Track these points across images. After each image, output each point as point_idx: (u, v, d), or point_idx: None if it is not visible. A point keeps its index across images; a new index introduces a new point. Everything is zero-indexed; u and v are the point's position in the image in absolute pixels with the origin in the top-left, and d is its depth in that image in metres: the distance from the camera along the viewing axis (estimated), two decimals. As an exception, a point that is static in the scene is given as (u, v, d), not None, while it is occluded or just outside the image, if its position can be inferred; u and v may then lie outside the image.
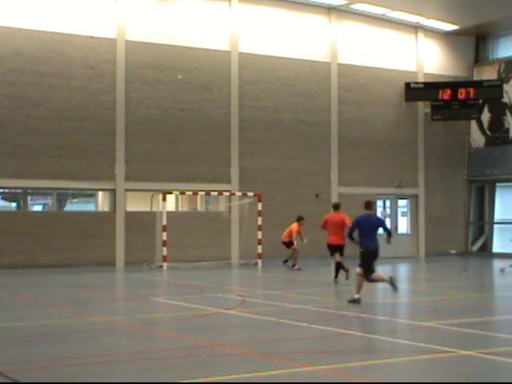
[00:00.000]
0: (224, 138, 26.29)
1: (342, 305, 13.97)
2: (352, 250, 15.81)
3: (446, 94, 29.54)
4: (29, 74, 23.51)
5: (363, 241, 14.15)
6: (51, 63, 23.81)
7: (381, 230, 14.33)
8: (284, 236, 23.00)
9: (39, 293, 16.46)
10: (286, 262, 22.89)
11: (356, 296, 13.51)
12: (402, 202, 31.00)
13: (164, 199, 23.64)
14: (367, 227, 14.15)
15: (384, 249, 31.20)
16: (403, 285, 19.53)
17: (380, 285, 19.14)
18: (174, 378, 7.54)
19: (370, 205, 14.50)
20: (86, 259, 23.85)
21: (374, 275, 14.01)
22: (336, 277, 17.80)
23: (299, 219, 22.87)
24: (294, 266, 22.39)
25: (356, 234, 14.18)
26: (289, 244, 22.81)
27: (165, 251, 23.04)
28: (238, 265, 24.68)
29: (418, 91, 29.75)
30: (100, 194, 25.72)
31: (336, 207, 18.65)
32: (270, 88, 27.19)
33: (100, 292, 16.96)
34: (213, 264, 23.89)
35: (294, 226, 22.82)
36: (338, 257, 17.95)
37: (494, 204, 31.31)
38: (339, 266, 17.91)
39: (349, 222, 17.26)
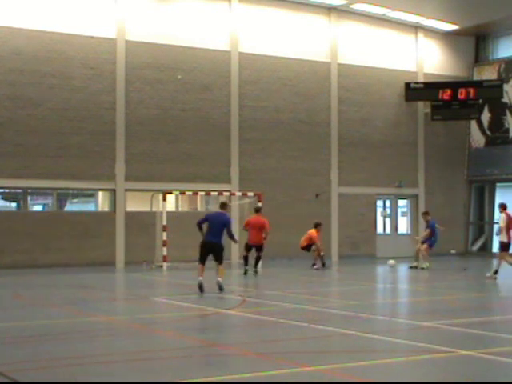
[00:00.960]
0: (224, 138, 26.30)
1: (342, 305, 13.97)
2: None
3: (445, 94, 29.54)
4: (29, 73, 23.51)
5: (206, 233, 15.89)
6: (51, 63, 23.81)
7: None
8: (302, 241, 23.16)
9: (39, 293, 16.46)
10: (313, 265, 22.93)
11: (200, 278, 15.56)
12: (402, 202, 31.00)
13: (164, 199, 23.64)
14: (214, 223, 15.86)
15: (384, 249, 31.25)
16: (403, 285, 19.54)
17: (380, 285, 19.14)
18: (174, 378, 7.54)
19: (223, 205, 16.55)
20: (86, 259, 23.85)
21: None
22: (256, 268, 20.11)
23: (317, 225, 23.07)
24: (313, 265, 22.61)
25: (205, 226, 15.96)
26: (308, 248, 22.96)
27: (165, 251, 23.04)
28: (237, 265, 24.66)
29: (417, 91, 29.76)
30: (100, 193, 25.72)
31: (257, 210, 20.43)
32: (270, 88, 27.19)
33: (100, 292, 16.95)
34: (213, 264, 23.85)
35: (313, 233, 22.96)
36: (255, 252, 20.41)
37: (494, 204, 31.26)
38: (258, 260, 20.33)
39: (267, 224, 19.43)
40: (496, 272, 18.77)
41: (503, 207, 19.65)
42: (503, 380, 7.62)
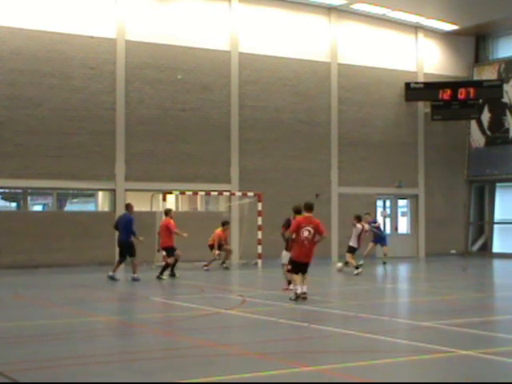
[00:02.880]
0: (224, 138, 26.30)
1: (342, 305, 13.97)
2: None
3: (446, 94, 29.54)
4: (29, 73, 23.51)
5: (119, 234, 18.90)
6: (51, 63, 23.81)
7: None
8: (210, 241, 23.17)
9: (39, 293, 16.46)
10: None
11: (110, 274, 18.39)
12: (402, 202, 31.00)
13: (164, 199, 23.63)
14: (120, 224, 18.64)
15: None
16: (403, 285, 19.54)
17: (379, 285, 19.13)
18: (174, 378, 7.54)
19: (127, 207, 18.93)
20: (86, 259, 23.85)
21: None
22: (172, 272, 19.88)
23: (224, 224, 23.08)
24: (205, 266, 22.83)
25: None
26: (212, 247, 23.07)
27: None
28: (237, 265, 24.68)
29: (417, 91, 29.75)
30: (100, 193, 25.72)
31: (166, 213, 20.57)
32: (270, 88, 27.19)
33: (100, 292, 16.95)
34: (213, 264, 23.87)
35: (220, 232, 22.97)
36: (166, 257, 20.27)
37: (494, 204, 31.31)
38: (174, 264, 20.07)
39: (174, 226, 19.85)
40: None
41: None
42: (503, 380, 7.63)
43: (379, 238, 23.94)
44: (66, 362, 8.29)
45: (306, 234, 14.09)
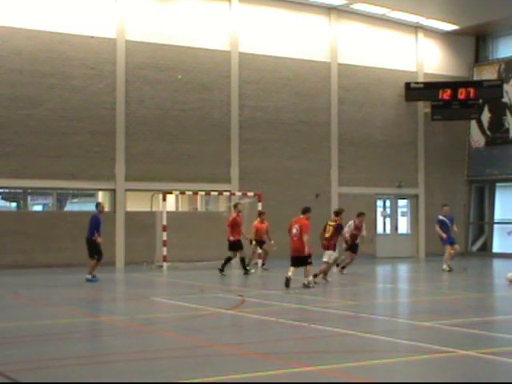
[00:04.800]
0: (224, 138, 26.30)
1: (342, 305, 13.98)
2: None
3: (446, 94, 29.53)
4: (29, 73, 23.51)
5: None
6: (51, 63, 23.81)
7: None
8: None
9: (39, 293, 16.46)
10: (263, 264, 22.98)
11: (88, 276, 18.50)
12: (402, 202, 31.00)
13: (164, 199, 23.64)
14: (92, 224, 18.78)
15: (384, 249, 31.26)
16: (403, 285, 19.55)
17: (379, 285, 19.14)
18: (174, 378, 7.54)
19: (96, 206, 19.43)
20: (86, 259, 23.78)
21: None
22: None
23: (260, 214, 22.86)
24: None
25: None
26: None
27: (165, 251, 23.04)
28: (237, 265, 24.65)
29: (417, 91, 29.74)
30: (100, 193, 25.71)
31: (234, 207, 21.15)
32: (270, 88, 27.19)
33: (100, 292, 16.95)
34: (213, 264, 23.88)
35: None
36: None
37: (494, 204, 31.30)
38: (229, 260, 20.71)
39: (239, 222, 20.62)
40: None
41: None
42: (503, 380, 7.63)
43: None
44: (66, 362, 8.29)
45: (293, 231, 16.51)
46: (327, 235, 17.98)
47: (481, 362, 8.33)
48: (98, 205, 19.44)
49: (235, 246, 20.71)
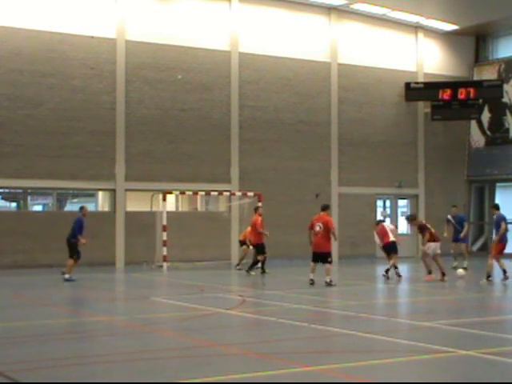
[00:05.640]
0: (224, 138, 26.30)
1: (342, 305, 13.98)
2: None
3: (446, 94, 29.55)
4: (29, 73, 23.51)
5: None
6: (51, 63, 23.81)
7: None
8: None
9: (39, 293, 16.46)
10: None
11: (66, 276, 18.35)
12: (402, 202, 30.99)
13: (164, 199, 23.64)
14: (76, 226, 18.89)
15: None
16: (403, 285, 19.54)
17: (379, 285, 19.14)
18: (174, 378, 7.54)
19: (81, 209, 19.49)
20: (86, 259, 23.77)
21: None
22: None
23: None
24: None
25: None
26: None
27: (165, 251, 23.04)
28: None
29: (417, 91, 29.75)
30: (100, 193, 25.73)
31: (255, 210, 21.20)
32: (270, 88, 27.19)
33: (100, 292, 16.95)
34: (213, 264, 23.89)
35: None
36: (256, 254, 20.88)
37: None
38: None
39: (259, 224, 20.53)
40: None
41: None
42: (503, 380, 7.62)
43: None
44: (66, 362, 8.29)
45: (317, 228, 17.04)
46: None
47: (481, 361, 8.33)
48: (81, 208, 19.63)
49: (263, 249, 20.86)
